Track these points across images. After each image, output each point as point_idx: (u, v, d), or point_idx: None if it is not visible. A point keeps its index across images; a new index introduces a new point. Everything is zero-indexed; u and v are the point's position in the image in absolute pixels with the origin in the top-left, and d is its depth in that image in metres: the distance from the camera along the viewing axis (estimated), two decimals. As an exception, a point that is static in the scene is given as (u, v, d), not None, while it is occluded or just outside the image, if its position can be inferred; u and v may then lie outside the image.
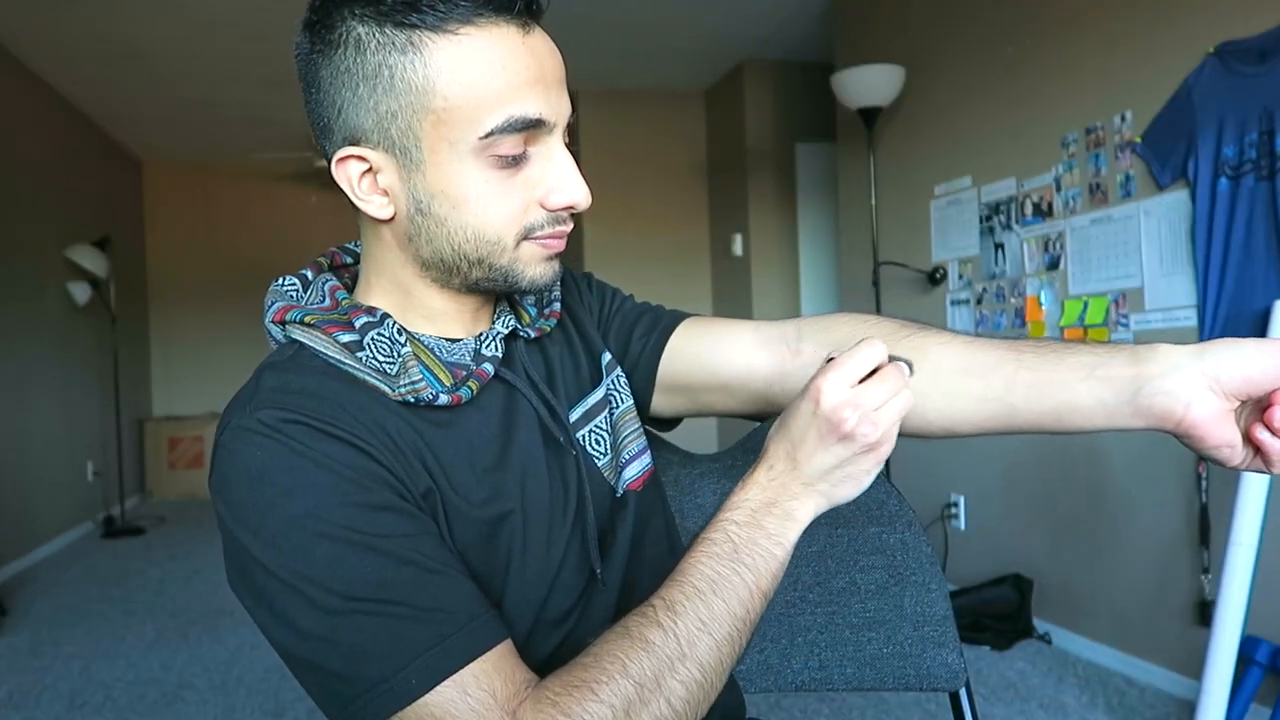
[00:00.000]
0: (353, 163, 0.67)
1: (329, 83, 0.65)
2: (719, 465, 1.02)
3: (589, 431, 0.78)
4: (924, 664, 0.94)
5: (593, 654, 0.60)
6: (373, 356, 0.67)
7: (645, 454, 0.82)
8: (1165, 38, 2.35)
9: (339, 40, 0.64)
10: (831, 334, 0.77)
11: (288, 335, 0.70)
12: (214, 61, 4.56)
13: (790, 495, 0.65)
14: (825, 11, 4.17)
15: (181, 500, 6.14)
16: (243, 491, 0.61)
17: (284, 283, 0.74)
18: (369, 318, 0.68)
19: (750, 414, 0.83)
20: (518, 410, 0.73)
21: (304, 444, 0.62)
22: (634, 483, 0.79)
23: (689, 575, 0.63)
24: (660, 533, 0.83)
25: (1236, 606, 1.99)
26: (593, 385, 0.81)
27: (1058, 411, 0.66)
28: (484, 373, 0.71)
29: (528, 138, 0.65)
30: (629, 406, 0.82)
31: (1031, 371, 0.67)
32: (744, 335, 0.81)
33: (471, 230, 0.67)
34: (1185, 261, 2.31)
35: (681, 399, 0.84)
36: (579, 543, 0.74)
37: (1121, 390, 0.63)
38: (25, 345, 4.46)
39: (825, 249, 4.89)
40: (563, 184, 0.67)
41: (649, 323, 0.85)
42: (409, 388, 0.66)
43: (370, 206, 0.68)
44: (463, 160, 0.65)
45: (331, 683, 0.60)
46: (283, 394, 0.65)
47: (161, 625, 3.31)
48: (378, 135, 0.65)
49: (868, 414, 0.61)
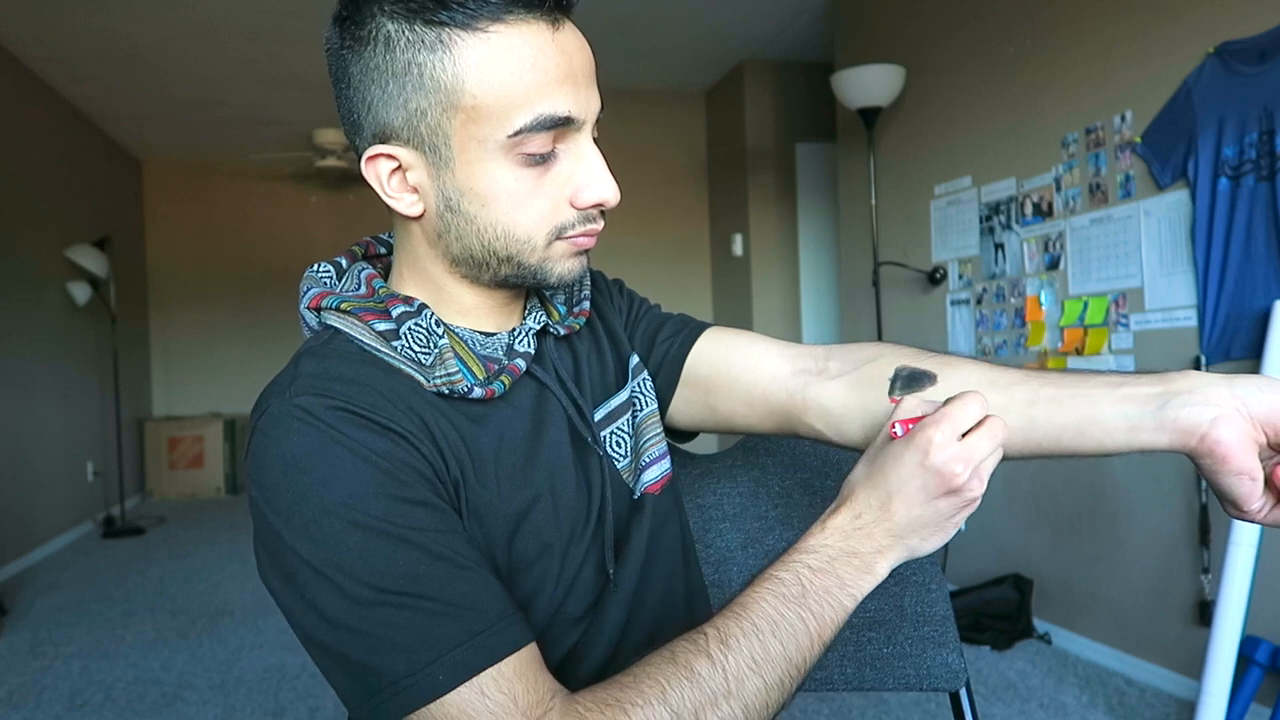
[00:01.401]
0: (382, 160, 0.67)
1: (359, 79, 0.65)
2: (719, 465, 1.02)
3: (611, 432, 0.78)
4: (924, 664, 0.94)
5: (633, 674, 0.59)
6: (408, 346, 0.67)
7: (665, 459, 0.81)
8: (1165, 38, 2.35)
9: (369, 37, 0.63)
10: (858, 354, 0.76)
11: (323, 321, 0.70)
12: (214, 61, 4.56)
13: (874, 547, 0.63)
14: (825, 11, 4.17)
15: (181, 500, 6.14)
16: (278, 477, 0.61)
17: (318, 269, 0.74)
18: (406, 307, 0.68)
19: (768, 430, 0.82)
20: (547, 407, 0.73)
21: (342, 432, 0.61)
22: (652, 486, 0.79)
23: (749, 611, 0.61)
24: (675, 538, 0.82)
25: (1236, 606, 1.99)
26: (618, 387, 0.80)
27: (1079, 424, 0.64)
28: (516, 368, 0.71)
29: (557, 135, 0.65)
30: (652, 410, 0.81)
31: (1056, 387, 0.66)
32: (770, 347, 0.80)
33: (502, 228, 0.67)
34: (1185, 261, 2.31)
35: (700, 406, 0.83)
36: (599, 544, 0.73)
37: (1146, 403, 0.61)
38: (25, 345, 4.46)
39: (825, 249, 4.89)
40: (592, 181, 0.67)
41: (675, 326, 0.85)
42: (445, 379, 0.66)
43: (400, 204, 0.68)
44: (492, 158, 0.64)
45: (358, 673, 0.59)
46: (322, 380, 0.64)
47: (161, 625, 3.31)
48: (407, 132, 0.65)
49: (976, 469, 0.60)
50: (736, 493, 1.00)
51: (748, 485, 1.00)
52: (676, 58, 4.82)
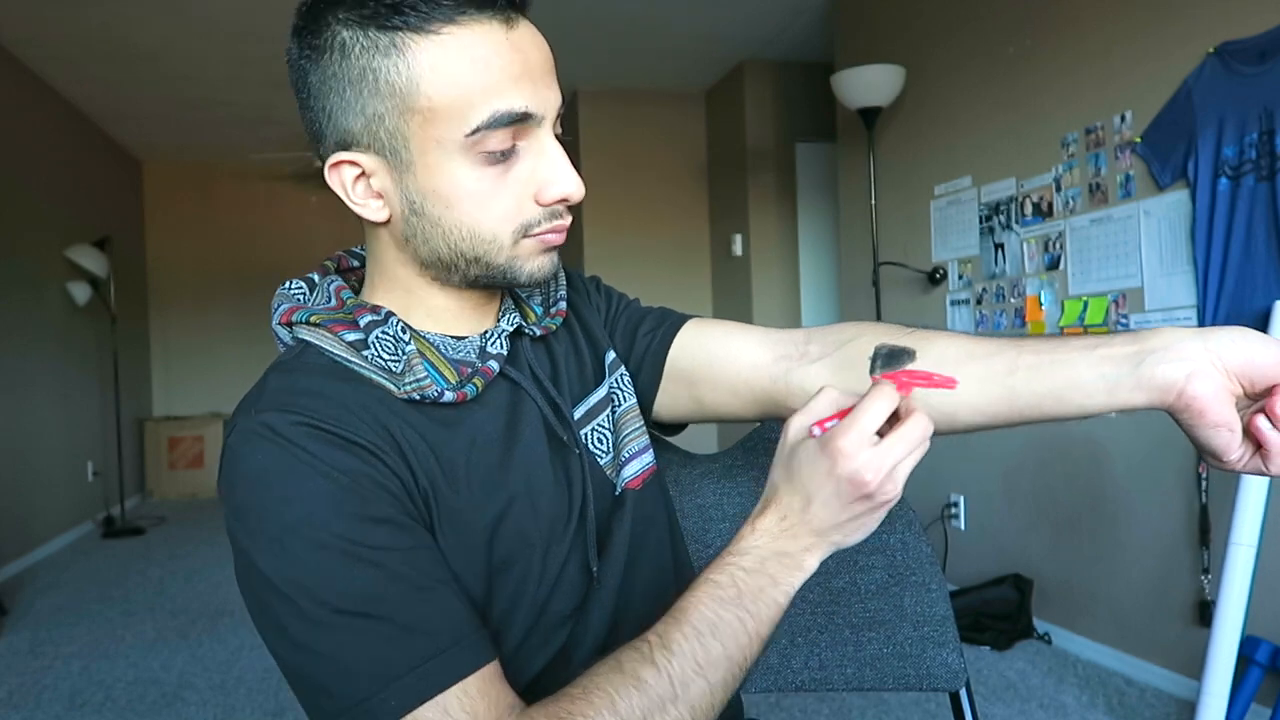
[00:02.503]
0: (345, 167, 0.67)
1: (318, 88, 0.66)
2: (719, 465, 1.01)
3: (591, 430, 0.78)
4: (924, 664, 0.94)
5: (581, 686, 0.60)
6: (378, 355, 0.67)
7: (646, 452, 0.81)
8: (1165, 38, 2.35)
9: (325, 45, 0.64)
10: (837, 335, 0.77)
11: (295, 336, 0.70)
12: (214, 62, 4.56)
13: (801, 545, 0.64)
14: (825, 11, 4.17)
15: (181, 500, 6.14)
16: (245, 495, 0.62)
17: (290, 286, 0.75)
18: (374, 316, 0.69)
19: (754, 416, 0.82)
20: (522, 408, 0.73)
21: (305, 449, 0.62)
22: (632, 481, 0.79)
23: (689, 615, 0.62)
24: (662, 533, 0.82)
25: (1236, 606, 1.99)
26: (595, 384, 0.80)
27: (1058, 390, 0.65)
28: (489, 370, 0.71)
29: (516, 132, 0.65)
30: (631, 405, 0.82)
31: (1034, 354, 0.67)
32: (750, 335, 0.81)
33: (466, 229, 0.67)
34: (1185, 261, 2.31)
35: (685, 398, 0.83)
36: (581, 542, 0.74)
37: (1123, 363, 0.62)
38: (25, 345, 4.46)
39: (825, 249, 4.89)
40: (555, 176, 0.67)
41: (655, 320, 0.85)
42: (414, 385, 0.66)
43: (366, 210, 0.69)
44: (451, 158, 0.64)
45: (317, 695, 0.60)
46: (288, 394, 0.65)
47: (161, 625, 3.31)
48: (367, 138, 0.65)
49: (889, 473, 0.60)
50: (736, 493, 1.00)
51: (748, 485, 1.00)
52: (676, 58, 4.81)
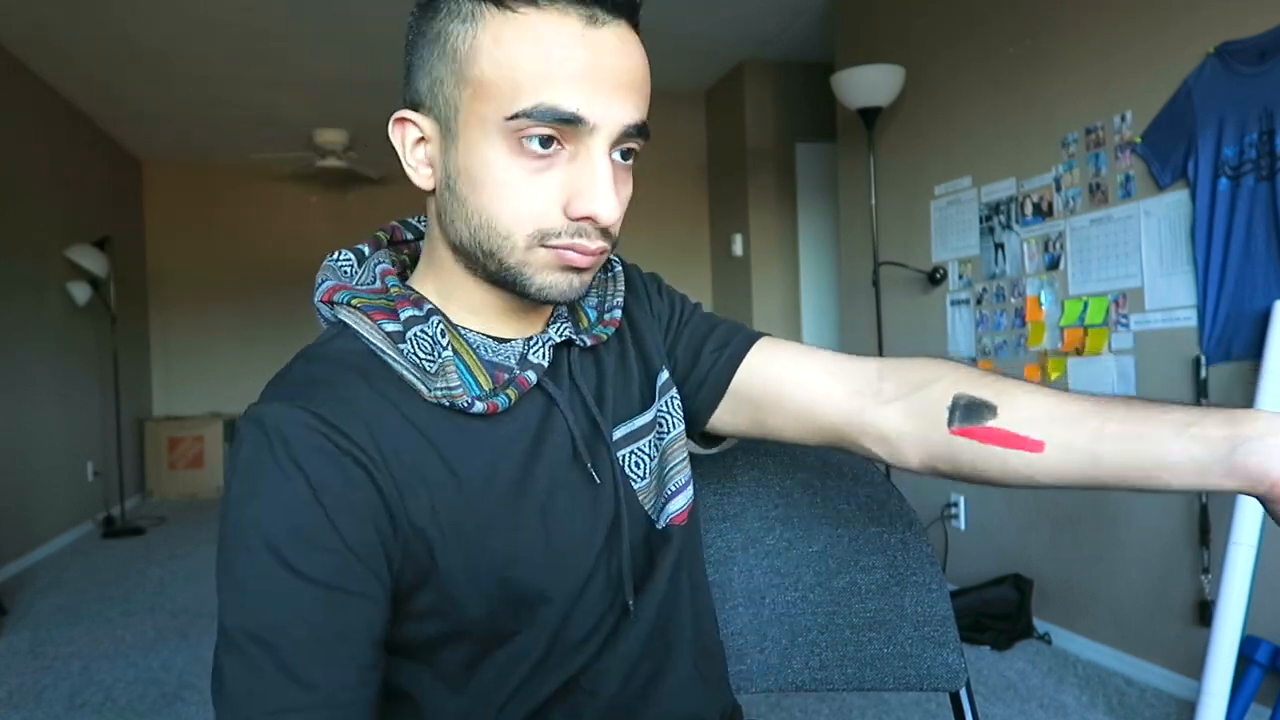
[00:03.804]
0: (409, 126, 0.67)
1: (411, 43, 0.67)
2: (719, 465, 1.01)
3: (630, 453, 0.74)
4: (924, 664, 0.94)
5: None
6: (414, 352, 0.66)
7: (690, 485, 0.78)
8: (1165, 38, 2.35)
9: (431, 4, 0.65)
10: (915, 374, 0.73)
11: (336, 316, 0.69)
12: (214, 61, 4.56)
13: None
14: (825, 11, 4.17)
15: (181, 500, 6.14)
16: (228, 477, 0.62)
17: (339, 257, 0.73)
18: (415, 311, 0.67)
19: (817, 444, 0.79)
20: (552, 427, 0.70)
21: (290, 453, 0.60)
22: (678, 516, 0.76)
23: None
24: (698, 568, 0.80)
25: (1236, 606, 1.98)
26: (643, 406, 0.77)
27: (1146, 467, 0.63)
28: (525, 380, 0.68)
29: (564, 133, 0.62)
30: (679, 433, 0.78)
31: (1120, 424, 0.64)
32: (822, 363, 0.77)
33: (485, 216, 0.64)
34: (1185, 261, 2.31)
35: (746, 419, 0.80)
36: (607, 569, 0.71)
37: (1216, 448, 0.60)
38: (25, 345, 4.45)
39: (825, 249, 4.89)
40: (588, 191, 0.63)
41: (723, 336, 0.81)
42: (445, 392, 0.64)
43: (415, 175, 0.68)
44: (489, 139, 0.62)
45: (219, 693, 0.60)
46: (304, 385, 0.64)
47: (161, 625, 3.31)
48: (429, 100, 0.65)
49: None
50: (736, 493, 1.00)
51: (748, 485, 1.00)
52: (676, 58, 4.81)
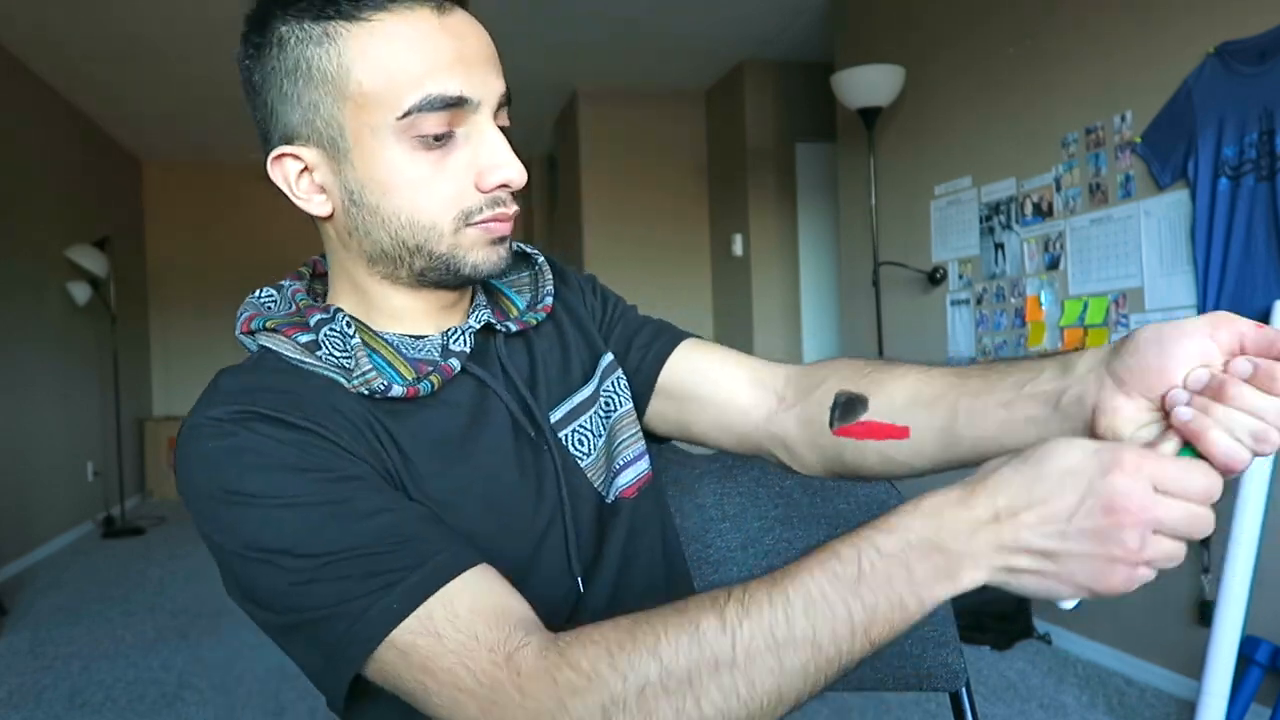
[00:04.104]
0: (288, 161, 0.68)
1: (260, 85, 0.67)
2: (719, 465, 1.01)
3: (573, 431, 0.76)
4: (924, 664, 0.94)
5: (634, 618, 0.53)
6: (330, 353, 0.67)
7: (641, 460, 0.79)
8: (1165, 38, 2.35)
9: (266, 42, 0.66)
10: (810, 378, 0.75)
11: (257, 343, 0.70)
12: (215, 61, 4.56)
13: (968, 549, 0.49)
14: (825, 11, 4.17)
15: (181, 500, 6.14)
16: (200, 484, 0.61)
17: (260, 294, 0.75)
18: (322, 314, 0.68)
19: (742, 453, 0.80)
20: (488, 407, 0.72)
21: (254, 430, 0.61)
22: (627, 490, 0.77)
23: (787, 582, 0.51)
24: (655, 541, 0.80)
25: (1236, 606, 1.98)
26: (581, 383, 0.78)
27: (995, 435, 0.64)
28: (449, 368, 0.69)
29: (452, 118, 0.64)
30: (627, 410, 0.79)
31: (971, 397, 0.66)
32: (740, 372, 0.79)
33: (405, 215, 0.66)
34: (1185, 261, 2.31)
35: (673, 419, 0.82)
36: (556, 546, 0.72)
37: (1045, 404, 0.61)
38: (25, 345, 4.45)
39: (825, 249, 4.89)
40: (495, 161, 0.66)
41: (651, 333, 0.83)
42: (361, 380, 0.65)
43: (309, 205, 0.69)
44: (386, 144, 0.64)
45: (315, 637, 0.58)
46: (239, 393, 0.64)
47: (161, 625, 3.31)
48: (306, 130, 0.66)
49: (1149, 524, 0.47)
50: (736, 493, 1.00)
51: (748, 485, 1.00)
52: (676, 58, 4.81)
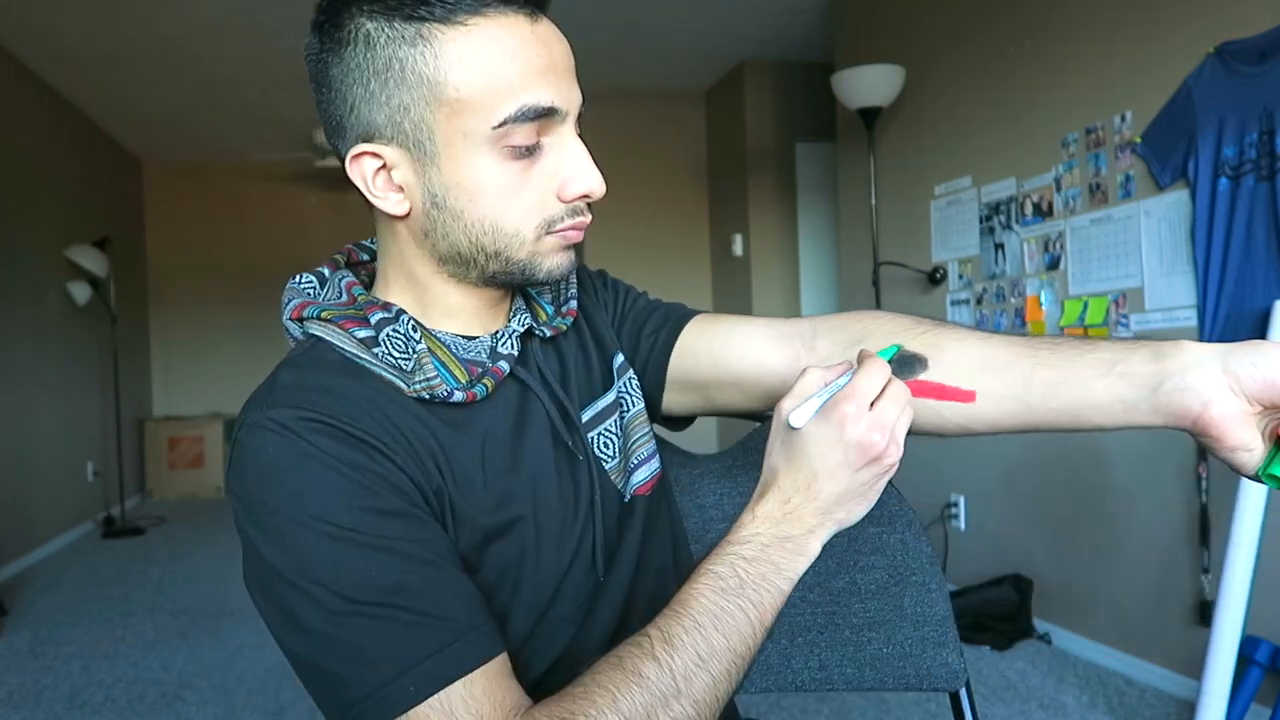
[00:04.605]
0: (367, 159, 0.67)
1: (340, 81, 0.65)
2: (719, 465, 1.01)
3: (599, 434, 0.77)
4: (924, 664, 0.94)
5: (583, 684, 0.59)
6: (388, 353, 0.67)
7: (654, 458, 0.81)
8: (1165, 38, 2.35)
9: (348, 38, 0.64)
10: (847, 331, 0.75)
11: (305, 331, 0.70)
12: (214, 61, 4.56)
13: (805, 528, 0.63)
14: (825, 11, 4.17)
15: (181, 500, 6.14)
16: (254, 489, 0.61)
17: (300, 280, 0.74)
18: (385, 314, 0.68)
19: (766, 410, 0.81)
20: (530, 410, 0.73)
21: (315, 444, 0.61)
22: (642, 488, 0.79)
23: (690, 608, 0.61)
24: (665, 536, 0.82)
25: (1236, 606, 1.98)
26: (604, 388, 0.80)
27: (1075, 409, 0.65)
28: (500, 370, 0.70)
29: (541, 128, 0.65)
30: (639, 410, 0.81)
31: (1049, 369, 0.66)
32: (756, 331, 0.80)
33: (490, 222, 0.66)
34: (1185, 261, 2.31)
35: (694, 396, 0.83)
36: (588, 546, 0.73)
37: (1140, 387, 0.62)
38: (25, 345, 4.46)
39: (825, 249, 4.89)
40: (578, 173, 0.67)
41: (659, 320, 0.84)
42: (424, 384, 0.66)
43: (386, 203, 0.68)
44: (477, 151, 0.64)
45: (332, 684, 0.60)
46: (298, 391, 0.64)
47: (161, 625, 3.31)
48: (391, 130, 0.65)
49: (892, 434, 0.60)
50: (737, 492, 1.00)
51: (748, 485, 1.00)
52: (676, 58, 4.82)
